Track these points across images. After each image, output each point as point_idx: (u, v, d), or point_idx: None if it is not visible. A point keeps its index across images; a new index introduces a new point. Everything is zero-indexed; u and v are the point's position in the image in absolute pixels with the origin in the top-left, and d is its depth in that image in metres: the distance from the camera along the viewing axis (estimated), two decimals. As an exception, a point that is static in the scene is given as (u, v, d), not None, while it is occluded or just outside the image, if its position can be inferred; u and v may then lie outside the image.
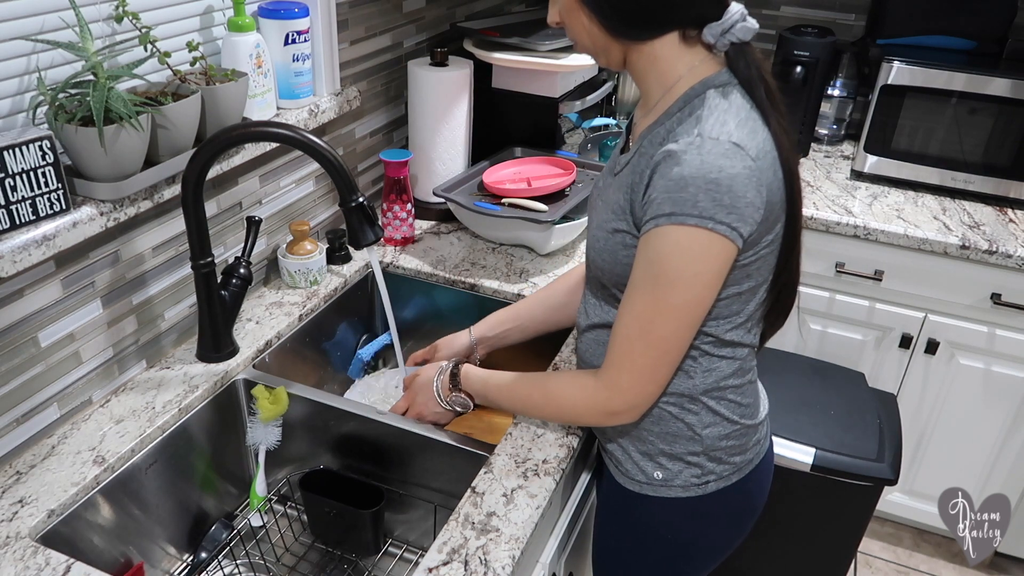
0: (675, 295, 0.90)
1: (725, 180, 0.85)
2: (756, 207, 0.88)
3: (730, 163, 0.85)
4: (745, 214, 0.87)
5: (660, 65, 0.94)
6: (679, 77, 0.94)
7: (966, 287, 1.86)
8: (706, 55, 0.93)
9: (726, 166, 0.85)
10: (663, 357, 0.94)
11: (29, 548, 0.93)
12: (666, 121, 0.94)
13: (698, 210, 0.85)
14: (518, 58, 1.63)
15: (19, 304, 1.02)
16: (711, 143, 0.86)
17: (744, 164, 0.86)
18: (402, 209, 1.59)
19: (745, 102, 0.91)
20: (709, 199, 0.85)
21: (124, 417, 1.13)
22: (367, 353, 1.54)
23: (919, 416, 2.03)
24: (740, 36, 0.90)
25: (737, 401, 1.05)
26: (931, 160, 2.00)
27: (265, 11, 1.31)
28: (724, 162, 0.85)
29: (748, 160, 0.86)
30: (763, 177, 0.88)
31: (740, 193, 0.86)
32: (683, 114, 0.92)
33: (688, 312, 0.91)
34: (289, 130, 1.07)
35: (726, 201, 0.85)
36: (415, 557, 1.26)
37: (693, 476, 1.06)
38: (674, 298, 0.90)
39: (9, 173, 0.93)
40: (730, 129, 0.87)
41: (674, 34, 0.92)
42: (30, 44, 1.00)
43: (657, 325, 0.92)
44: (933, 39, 2.07)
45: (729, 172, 0.85)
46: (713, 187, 0.85)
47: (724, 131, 0.87)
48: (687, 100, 0.92)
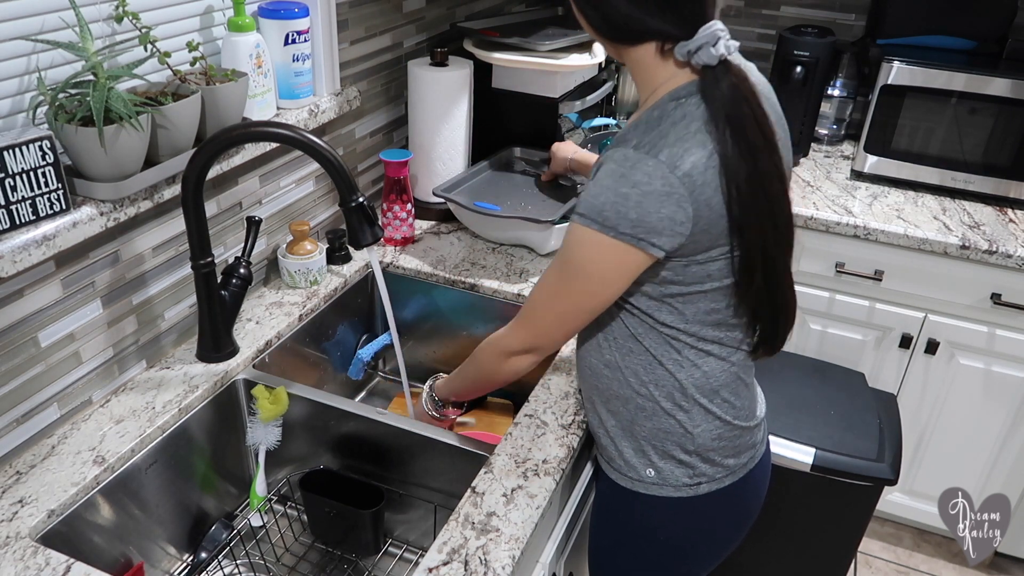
0: (576, 282, 0.98)
1: (635, 196, 0.88)
2: (678, 221, 0.89)
3: (647, 180, 0.87)
4: (659, 227, 0.89)
5: (645, 70, 0.96)
6: (660, 84, 0.95)
7: (966, 287, 1.86)
8: (686, 68, 0.93)
9: (641, 182, 0.88)
10: (561, 326, 1.04)
11: (29, 548, 0.93)
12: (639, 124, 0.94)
13: (603, 218, 0.90)
14: (518, 58, 1.63)
15: (19, 304, 1.02)
16: (636, 157, 0.88)
17: (664, 181, 0.87)
18: (402, 209, 1.59)
19: (700, 116, 0.90)
20: (614, 211, 0.89)
21: (124, 417, 1.13)
22: (367, 353, 1.54)
23: (919, 416, 2.03)
24: (705, 60, 0.90)
25: (730, 402, 1.05)
26: (931, 160, 2.00)
27: (265, 11, 1.31)
28: (641, 178, 0.88)
29: (672, 178, 0.87)
30: (696, 193, 0.88)
31: (651, 209, 0.88)
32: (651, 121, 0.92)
33: (586, 300, 0.99)
34: (289, 130, 1.07)
35: (632, 216, 0.88)
36: (415, 557, 1.26)
37: (685, 476, 1.06)
38: (575, 284, 0.98)
39: (9, 173, 0.93)
40: (666, 143, 0.88)
41: (651, 44, 0.94)
42: (30, 44, 1.00)
43: (559, 302, 1.01)
44: (933, 39, 2.07)
45: (643, 188, 0.88)
46: (621, 201, 0.88)
47: (657, 146, 0.88)
48: (659, 107, 0.93)
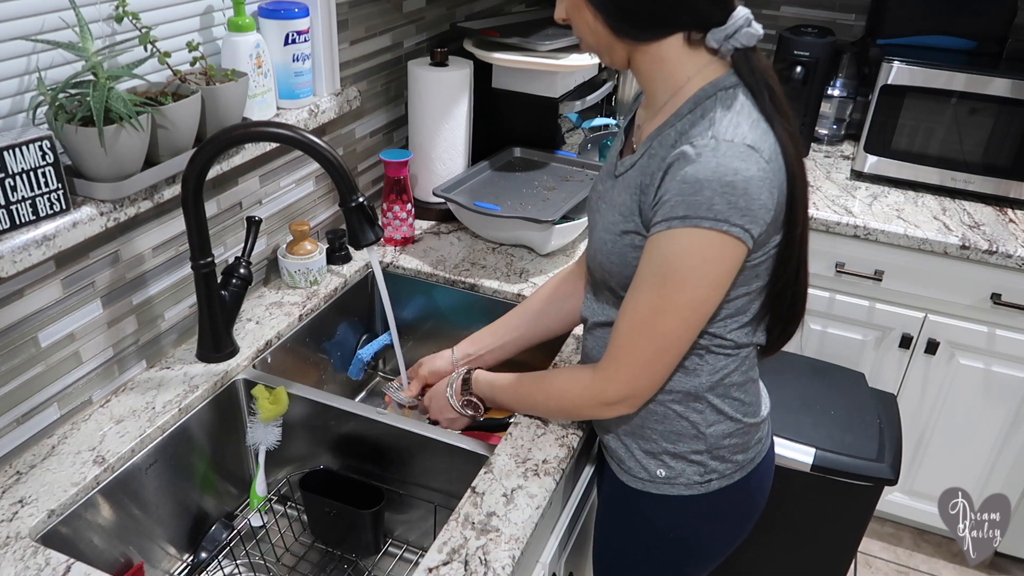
0: (683, 294, 0.90)
1: (740, 183, 0.85)
2: (768, 209, 0.88)
3: (745, 165, 0.85)
4: (758, 216, 0.87)
5: (667, 67, 0.94)
6: (687, 79, 0.93)
7: (966, 287, 1.86)
8: (712, 57, 0.93)
9: (741, 168, 0.85)
10: (662, 354, 0.95)
11: (29, 548, 0.93)
12: (676, 123, 0.93)
13: (713, 213, 0.86)
14: (518, 58, 1.63)
15: (19, 304, 1.02)
16: (726, 145, 0.86)
17: (759, 166, 0.86)
18: (402, 209, 1.59)
19: (753, 106, 0.91)
20: (724, 202, 0.85)
21: (124, 417, 1.13)
22: (367, 353, 1.54)
23: (919, 416, 2.03)
24: (744, 42, 0.90)
25: (741, 399, 1.05)
26: (931, 160, 2.00)
27: (265, 11, 1.31)
28: (739, 164, 0.85)
29: (762, 162, 0.86)
30: (775, 179, 0.89)
31: (755, 195, 0.86)
32: (694, 116, 0.91)
33: (693, 311, 0.92)
34: (289, 130, 1.07)
35: (741, 204, 0.86)
36: (415, 557, 1.26)
37: (696, 474, 1.06)
38: (681, 297, 0.90)
39: (9, 173, 0.93)
40: (744, 131, 0.87)
41: (679, 36, 0.91)
42: (30, 44, 1.00)
43: (661, 322, 0.92)
44: (933, 39, 2.07)
45: (744, 175, 0.85)
46: (729, 190, 0.85)
47: (738, 133, 0.87)
48: (697, 102, 0.92)
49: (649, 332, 0.93)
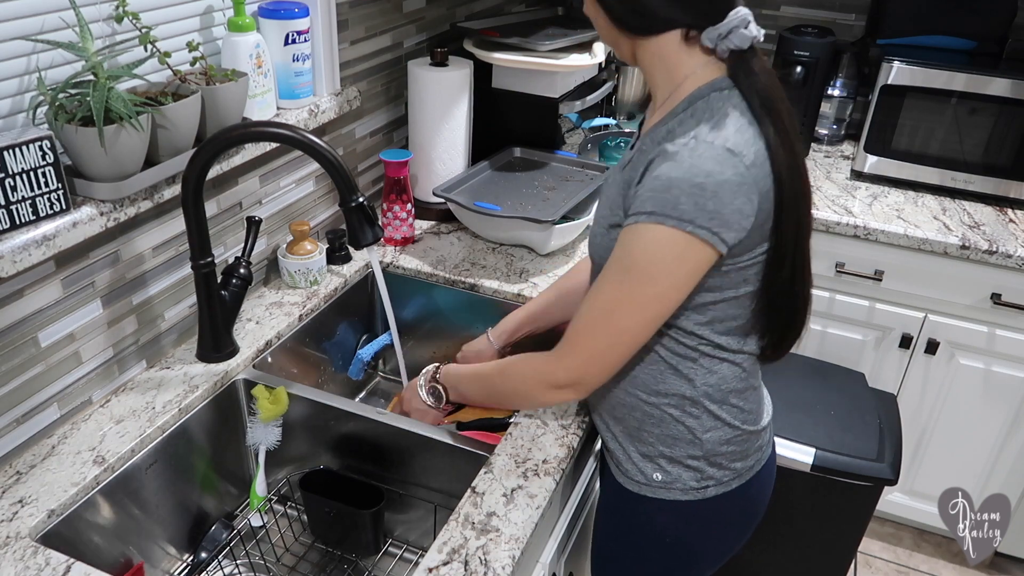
0: (643, 289, 0.91)
1: (711, 185, 0.85)
2: (745, 214, 0.88)
3: (719, 168, 0.85)
4: (730, 220, 0.87)
5: (666, 63, 0.94)
6: (685, 77, 0.93)
7: (966, 287, 1.86)
8: (711, 58, 0.93)
9: (715, 171, 0.85)
10: (617, 345, 0.96)
11: (29, 548, 0.93)
12: (669, 120, 0.93)
13: (679, 212, 0.86)
14: (518, 58, 1.63)
15: (19, 304, 1.02)
16: (704, 147, 0.86)
17: (735, 171, 0.86)
18: (402, 209, 1.59)
19: (745, 109, 0.91)
20: (692, 203, 0.85)
21: (124, 417, 1.13)
22: (367, 353, 1.54)
23: (919, 416, 2.03)
24: (737, 43, 0.90)
25: (739, 407, 1.05)
26: (931, 160, 2.00)
27: (265, 11, 1.31)
28: (713, 167, 0.85)
29: (741, 167, 0.86)
30: (760, 184, 0.88)
31: (726, 200, 0.86)
32: (686, 115, 0.92)
33: (652, 307, 0.92)
34: (289, 130, 1.07)
35: (710, 207, 0.85)
36: (415, 557, 1.26)
37: (692, 480, 1.06)
38: (641, 292, 0.91)
39: (9, 173, 0.93)
40: (727, 134, 0.87)
41: (676, 33, 0.92)
42: (30, 44, 1.00)
43: (619, 315, 0.93)
44: (933, 39, 2.07)
45: (717, 178, 0.85)
46: (698, 191, 0.85)
47: (720, 136, 0.87)
48: (692, 101, 0.92)
49: (606, 323, 0.94)
